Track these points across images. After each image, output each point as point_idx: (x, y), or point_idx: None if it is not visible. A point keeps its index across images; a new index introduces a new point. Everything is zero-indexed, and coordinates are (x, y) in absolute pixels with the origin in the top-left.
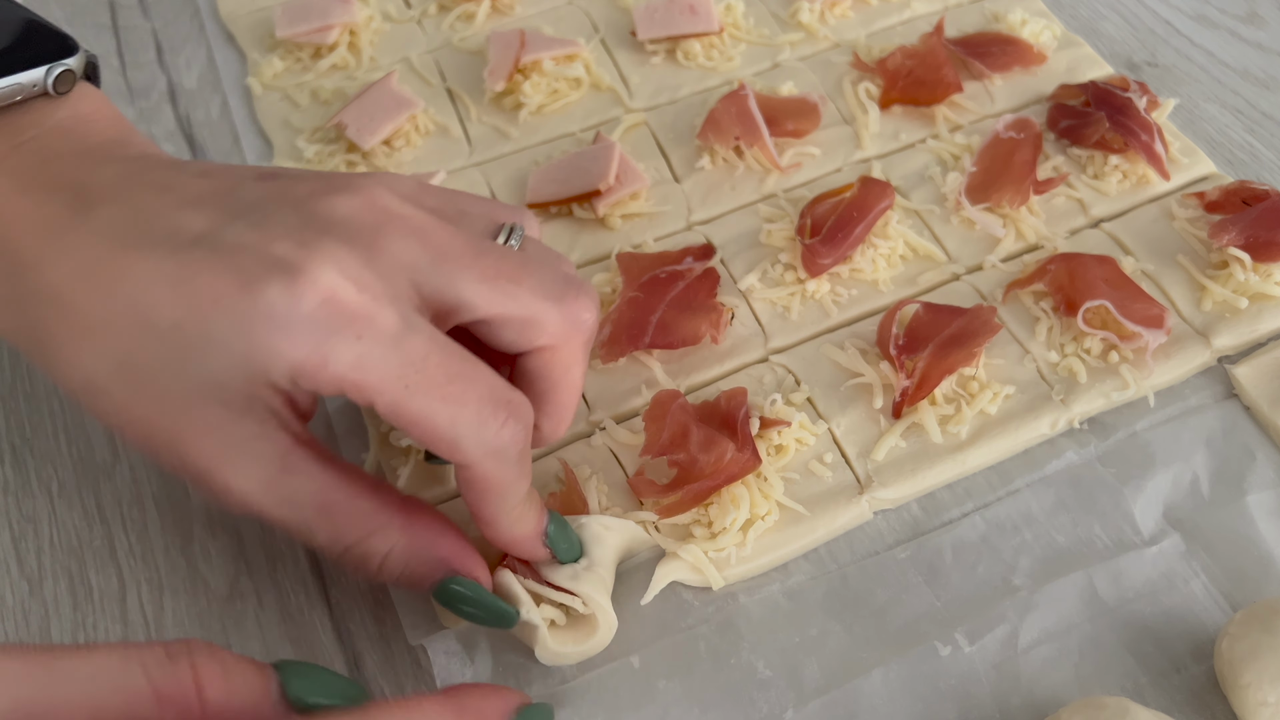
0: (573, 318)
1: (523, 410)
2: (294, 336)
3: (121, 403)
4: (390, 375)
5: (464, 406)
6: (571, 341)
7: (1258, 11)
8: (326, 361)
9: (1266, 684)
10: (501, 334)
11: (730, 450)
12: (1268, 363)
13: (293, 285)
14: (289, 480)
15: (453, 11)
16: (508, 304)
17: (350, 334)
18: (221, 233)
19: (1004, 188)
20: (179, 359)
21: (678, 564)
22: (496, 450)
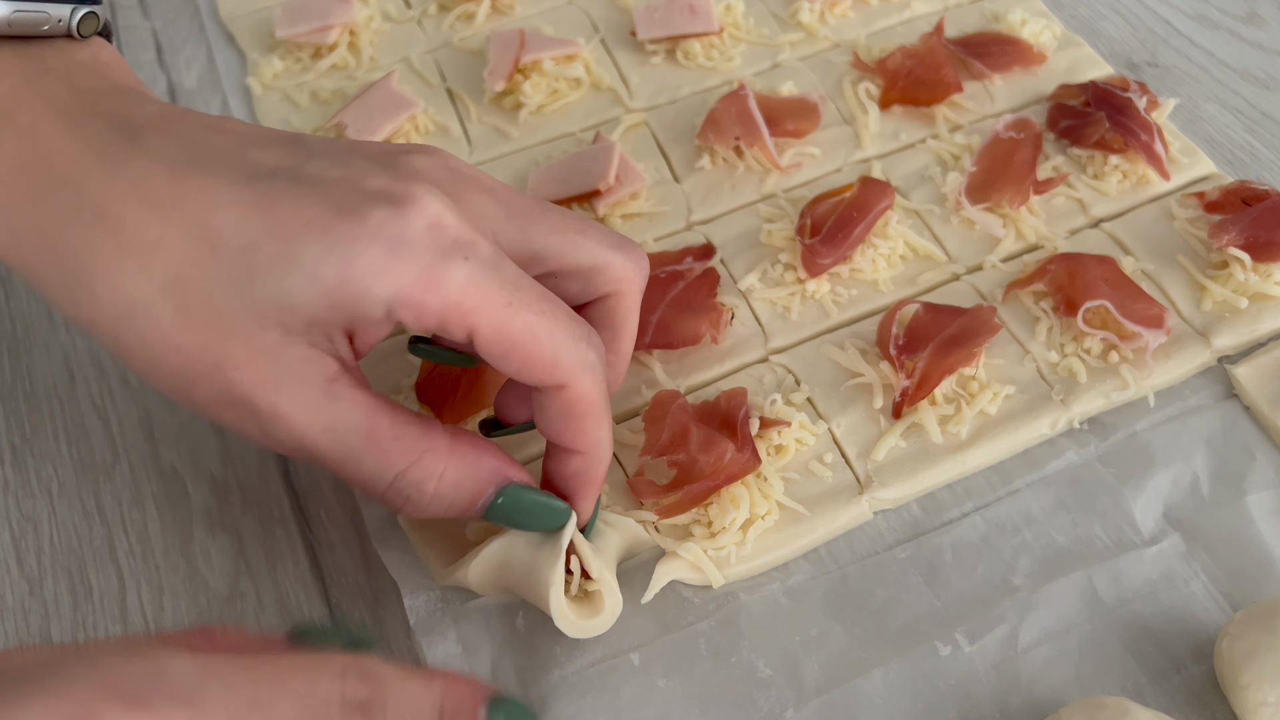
0: (635, 265)
1: (596, 335)
2: (405, 259)
3: (166, 325)
4: (496, 294)
5: (558, 321)
6: (633, 287)
7: (1258, 11)
8: (440, 281)
9: (1266, 684)
10: (569, 284)
11: (730, 450)
12: (1268, 363)
13: (399, 210)
14: (336, 406)
15: (453, 11)
16: (577, 254)
17: (459, 255)
18: (302, 167)
19: (1004, 188)
20: (244, 279)
21: (678, 563)
22: (590, 364)
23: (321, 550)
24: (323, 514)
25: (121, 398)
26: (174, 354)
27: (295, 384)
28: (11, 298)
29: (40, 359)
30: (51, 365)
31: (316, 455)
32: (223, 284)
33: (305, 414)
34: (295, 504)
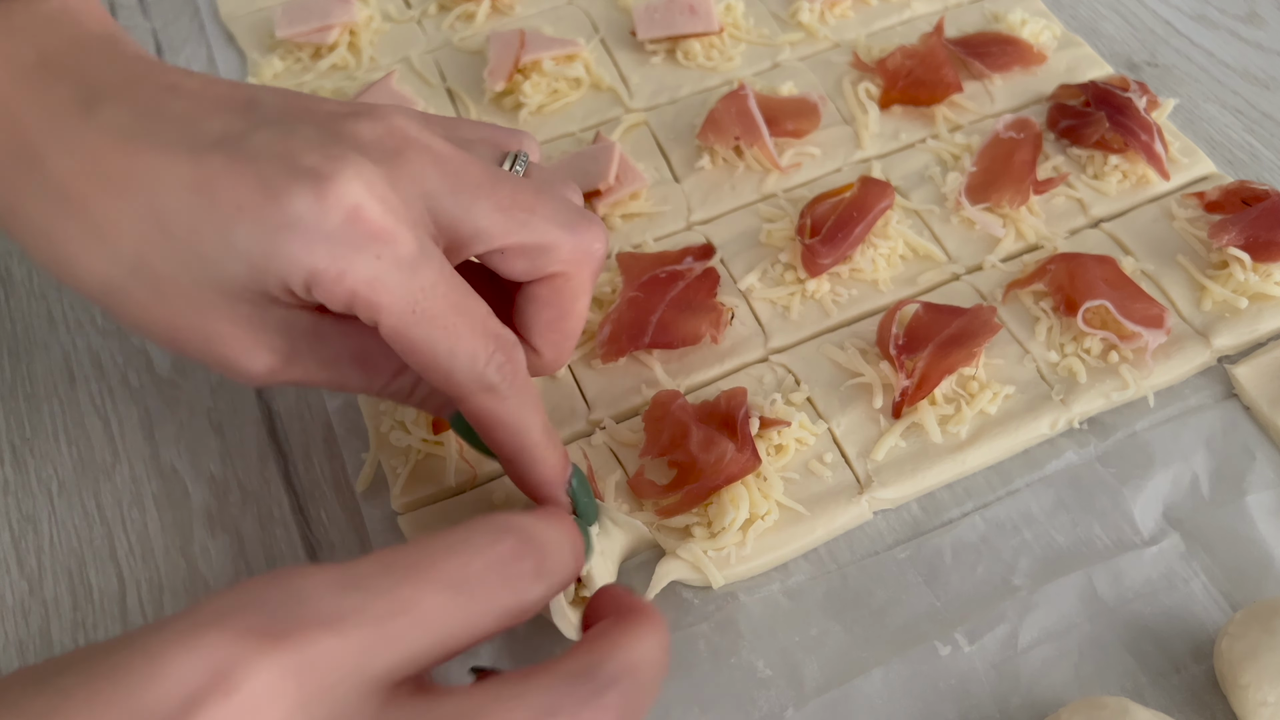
0: (585, 246)
1: (511, 347)
2: (315, 247)
3: (142, 303)
4: (400, 298)
5: (460, 339)
6: (582, 270)
7: (1258, 11)
8: (344, 275)
9: (1266, 684)
10: (514, 263)
11: (730, 450)
12: (1267, 363)
13: (320, 196)
14: (325, 344)
15: (453, 11)
16: (523, 233)
17: (370, 252)
18: (244, 138)
19: (1004, 188)
20: (195, 262)
21: (678, 563)
22: (489, 385)
23: (321, 550)
24: (323, 514)
25: (121, 398)
26: (155, 325)
27: (283, 339)
28: (11, 297)
29: (40, 359)
30: (51, 365)
31: (312, 383)
32: (180, 268)
33: (297, 361)
34: (295, 504)
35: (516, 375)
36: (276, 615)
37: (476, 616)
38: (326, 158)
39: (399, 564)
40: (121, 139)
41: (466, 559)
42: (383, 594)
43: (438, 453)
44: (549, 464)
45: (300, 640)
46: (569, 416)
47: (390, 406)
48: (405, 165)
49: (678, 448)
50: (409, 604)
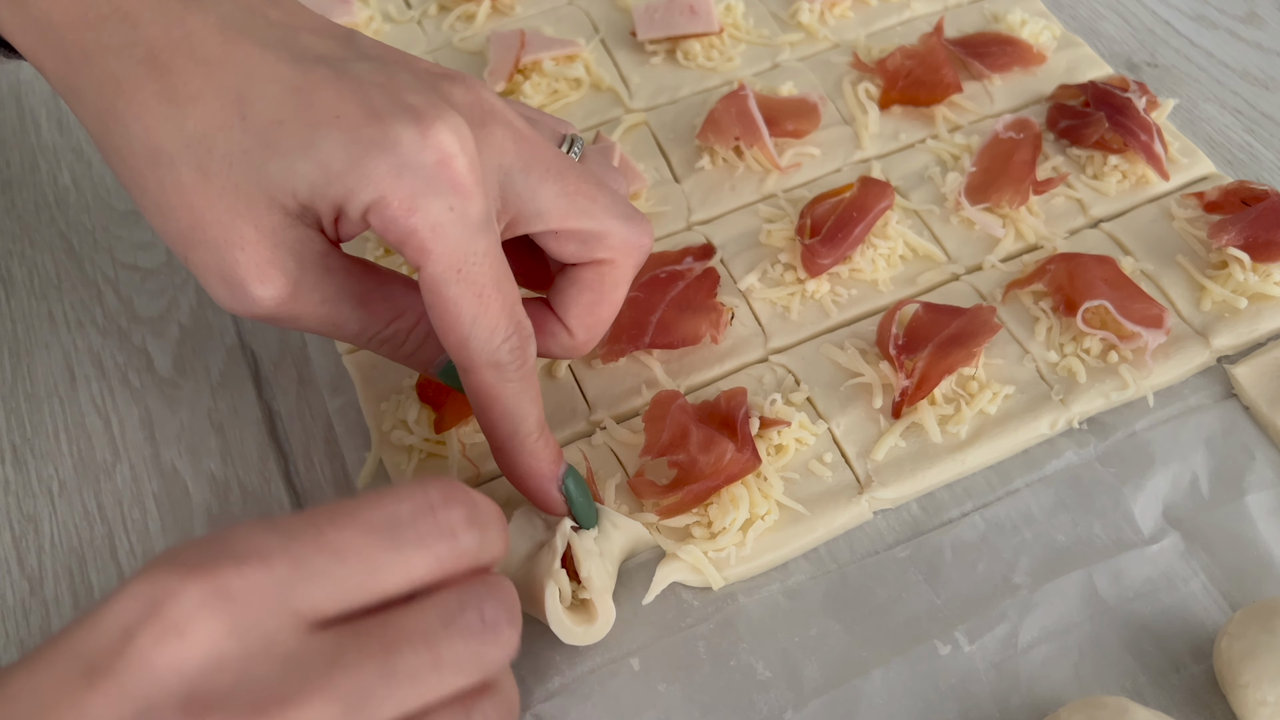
0: (635, 239)
1: (528, 338)
2: (401, 175)
3: (181, 184)
4: (453, 253)
5: (487, 311)
6: (628, 259)
7: (1257, 12)
8: (414, 211)
9: (1265, 683)
10: (566, 245)
11: (730, 451)
12: (1267, 362)
13: (424, 133)
14: (330, 279)
15: (453, 12)
16: (583, 219)
17: (446, 200)
18: (348, 63)
19: (1003, 188)
20: (264, 153)
21: (678, 565)
22: (497, 362)
23: None
24: None
25: (122, 397)
26: (185, 211)
27: (296, 263)
28: (12, 298)
29: (41, 359)
30: (52, 365)
31: (309, 321)
32: (244, 153)
33: (305, 290)
34: (295, 504)
35: (525, 363)
36: (205, 553)
37: (408, 559)
38: (430, 103)
39: (325, 511)
40: (221, 26)
41: (393, 505)
42: (305, 533)
43: (440, 452)
44: (538, 456)
45: (226, 570)
46: (569, 417)
47: (391, 405)
48: (489, 135)
49: (678, 448)
50: (331, 543)
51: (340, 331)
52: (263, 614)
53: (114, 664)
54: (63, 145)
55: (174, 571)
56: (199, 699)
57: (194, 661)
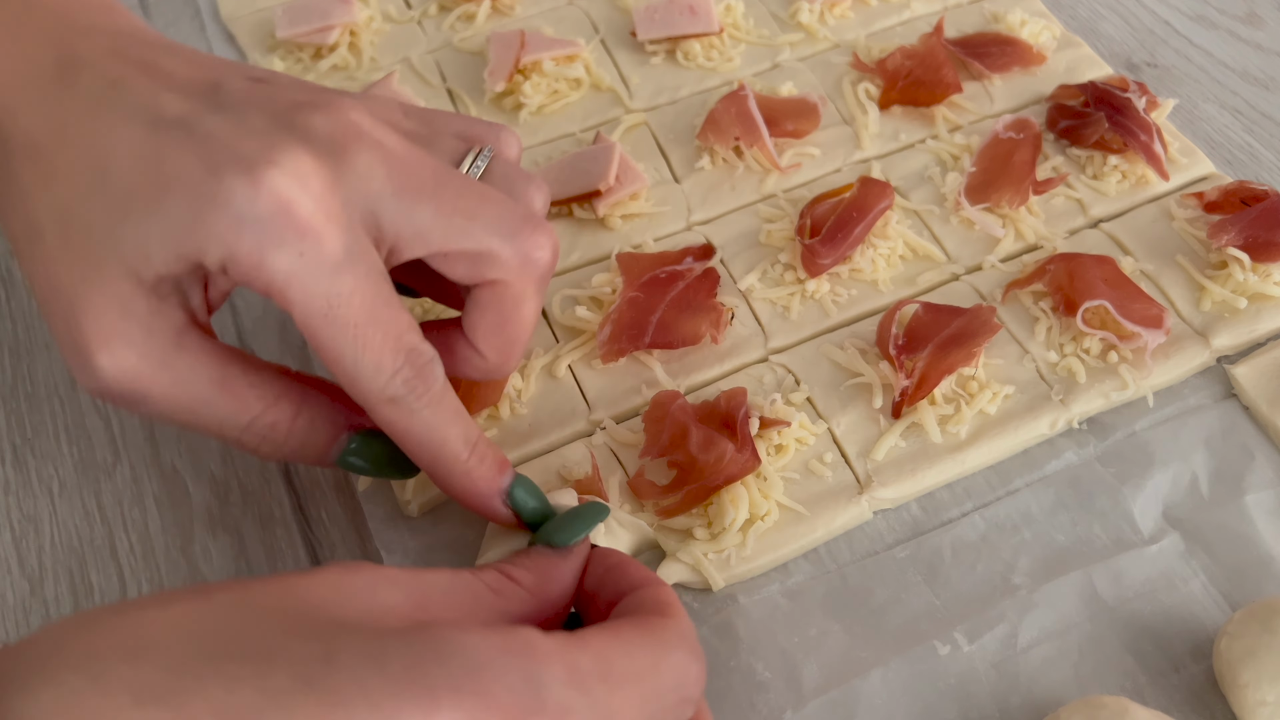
0: (525, 255)
1: (427, 363)
2: (241, 230)
3: (49, 251)
4: (314, 298)
5: (367, 349)
6: (523, 278)
7: (1257, 12)
8: (262, 263)
9: (1265, 683)
10: (454, 266)
11: (730, 451)
12: (1267, 362)
13: (254, 184)
14: (185, 357)
15: (453, 12)
16: (462, 240)
17: (293, 247)
18: (198, 120)
19: (1003, 188)
20: (119, 219)
21: (678, 566)
22: (392, 397)
23: (322, 550)
24: (323, 514)
25: None
26: (45, 279)
27: (143, 335)
28: (12, 298)
29: (41, 359)
30: (53, 365)
31: (164, 405)
32: (101, 221)
33: (154, 365)
34: (296, 504)
35: (428, 390)
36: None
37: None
38: (268, 147)
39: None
40: (92, 105)
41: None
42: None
43: None
44: (472, 477)
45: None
46: (569, 417)
47: None
48: (351, 162)
49: (677, 448)
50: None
51: (201, 419)
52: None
53: None
54: None
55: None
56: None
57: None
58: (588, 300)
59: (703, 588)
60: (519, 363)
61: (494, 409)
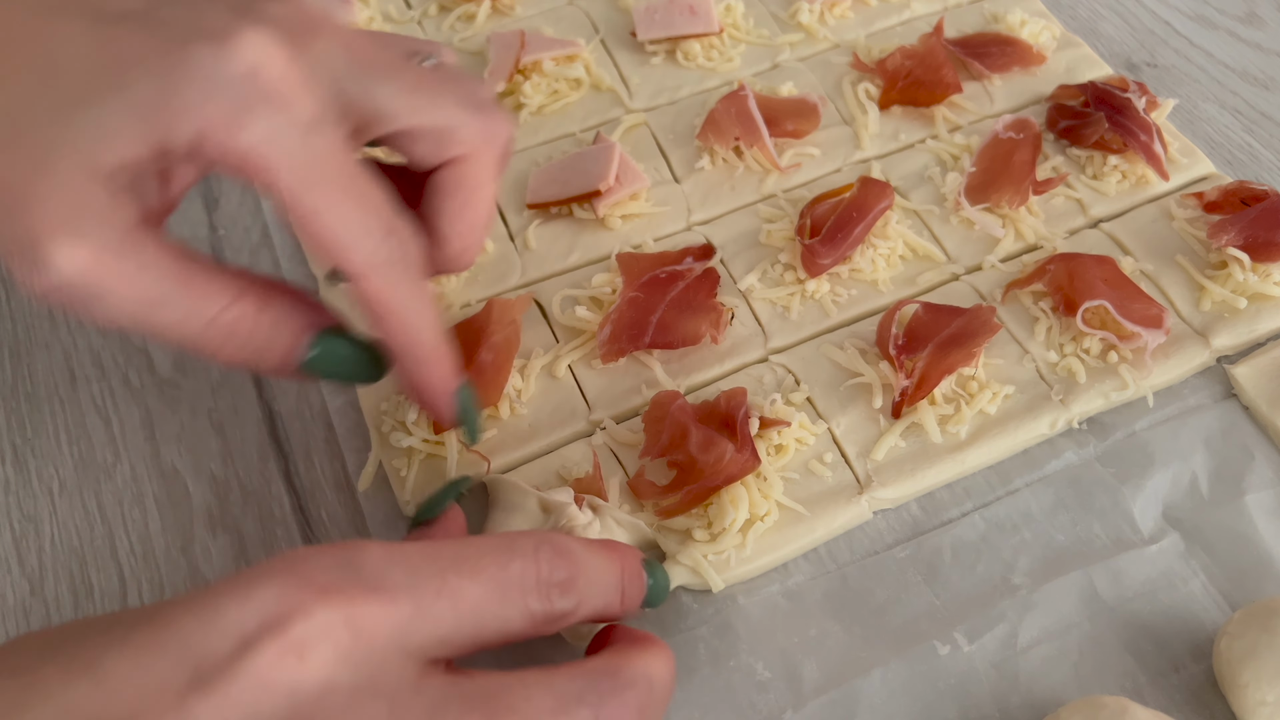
0: (489, 129)
1: (406, 235)
2: (214, 96)
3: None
4: (294, 163)
5: (353, 211)
6: (486, 153)
7: (1256, 12)
8: (240, 129)
9: (1265, 683)
10: (417, 145)
11: (729, 451)
12: (1266, 363)
13: (221, 48)
14: (144, 250)
15: (453, 12)
16: (427, 113)
17: (268, 109)
18: (154, 11)
19: (1003, 188)
20: (70, 108)
21: (678, 569)
22: (384, 261)
23: None
24: (323, 514)
25: (122, 398)
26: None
27: (98, 226)
28: (12, 298)
29: (41, 359)
30: (52, 365)
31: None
32: (51, 113)
33: (112, 258)
34: (296, 504)
35: (410, 265)
36: (333, 575)
37: (508, 614)
38: (231, 20)
39: (446, 555)
40: (31, 13)
41: (506, 560)
42: (432, 577)
43: (439, 453)
44: (439, 365)
45: (354, 598)
46: (569, 417)
47: (391, 406)
48: (313, 43)
49: (677, 448)
50: (454, 591)
51: (160, 316)
52: (378, 650)
53: (226, 672)
54: None
55: (302, 590)
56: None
57: (308, 685)
58: (588, 300)
59: (703, 589)
60: (479, 251)
61: (494, 409)
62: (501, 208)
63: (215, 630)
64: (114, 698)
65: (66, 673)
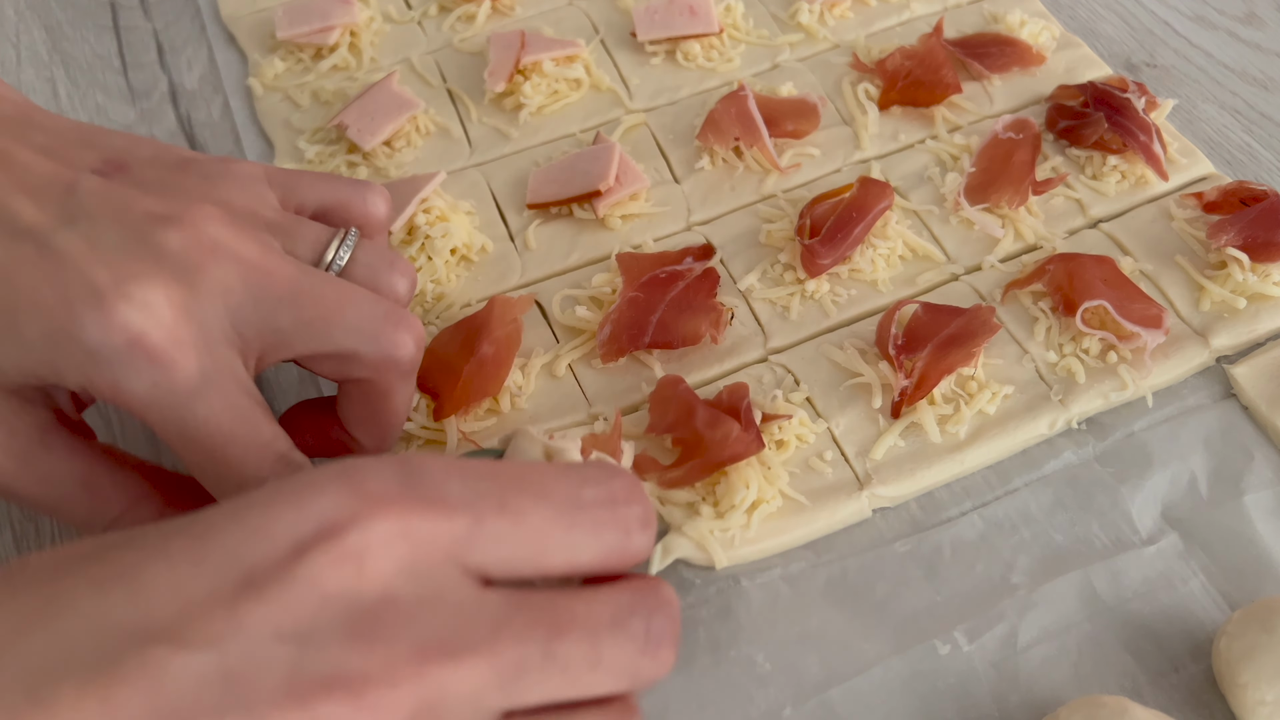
0: (386, 355)
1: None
2: (95, 362)
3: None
4: (171, 422)
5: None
6: (387, 376)
7: (1256, 12)
8: (119, 392)
9: (1264, 683)
10: (322, 366)
11: (735, 429)
12: (1266, 363)
13: (106, 317)
14: (49, 456)
15: (453, 12)
16: (323, 344)
17: (147, 377)
18: (52, 235)
19: (1003, 188)
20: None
21: (683, 540)
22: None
23: None
24: None
25: None
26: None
27: (6, 434)
28: None
29: None
30: None
31: (28, 501)
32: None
33: (16, 463)
34: None
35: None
36: (390, 485)
37: (579, 542)
38: (119, 277)
39: (508, 474)
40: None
41: (579, 486)
42: (491, 494)
43: (439, 439)
44: None
45: (411, 510)
46: (569, 412)
47: None
48: (207, 278)
49: (683, 426)
50: (516, 510)
51: (65, 515)
52: (438, 564)
53: (280, 578)
54: None
55: (360, 499)
56: (364, 631)
57: (367, 595)
58: (588, 300)
59: (704, 565)
60: (394, 443)
61: (493, 401)
62: (501, 208)
63: (266, 537)
64: (155, 607)
65: (96, 583)
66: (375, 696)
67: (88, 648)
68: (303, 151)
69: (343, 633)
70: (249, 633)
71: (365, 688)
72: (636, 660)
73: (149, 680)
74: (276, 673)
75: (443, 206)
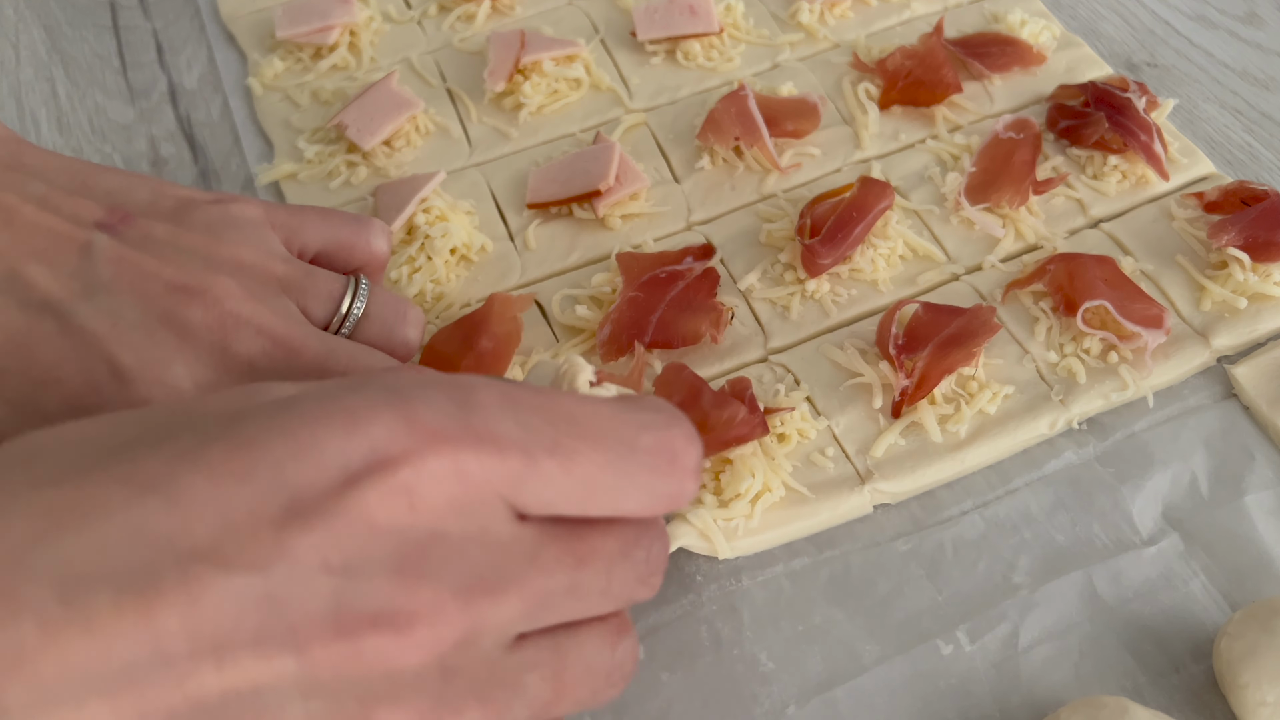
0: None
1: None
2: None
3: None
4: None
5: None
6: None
7: (1257, 12)
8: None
9: (1265, 683)
10: None
11: (742, 412)
12: (1267, 363)
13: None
14: None
15: (453, 12)
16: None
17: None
18: (73, 310)
19: (1003, 188)
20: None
21: (686, 529)
22: None
23: None
24: None
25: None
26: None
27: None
28: None
29: None
30: None
31: None
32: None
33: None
34: None
35: None
36: (444, 418)
37: (628, 489)
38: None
39: (564, 410)
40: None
41: (634, 431)
42: (544, 433)
43: None
44: None
45: (464, 446)
46: None
47: None
48: (231, 355)
49: (690, 407)
50: (568, 453)
51: None
52: (486, 501)
53: (329, 507)
54: (63, 145)
55: (415, 432)
56: (412, 568)
57: (416, 531)
58: (588, 300)
59: (706, 554)
60: None
61: None
62: (501, 207)
63: (313, 461)
64: (194, 522)
65: (128, 486)
66: (420, 634)
67: (124, 558)
68: (302, 151)
69: (390, 568)
70: (295, 561)
71: (411, 625)
72: (635, 587)
73: (189, 599)
74: (321, 604)
75: (442, 206)
